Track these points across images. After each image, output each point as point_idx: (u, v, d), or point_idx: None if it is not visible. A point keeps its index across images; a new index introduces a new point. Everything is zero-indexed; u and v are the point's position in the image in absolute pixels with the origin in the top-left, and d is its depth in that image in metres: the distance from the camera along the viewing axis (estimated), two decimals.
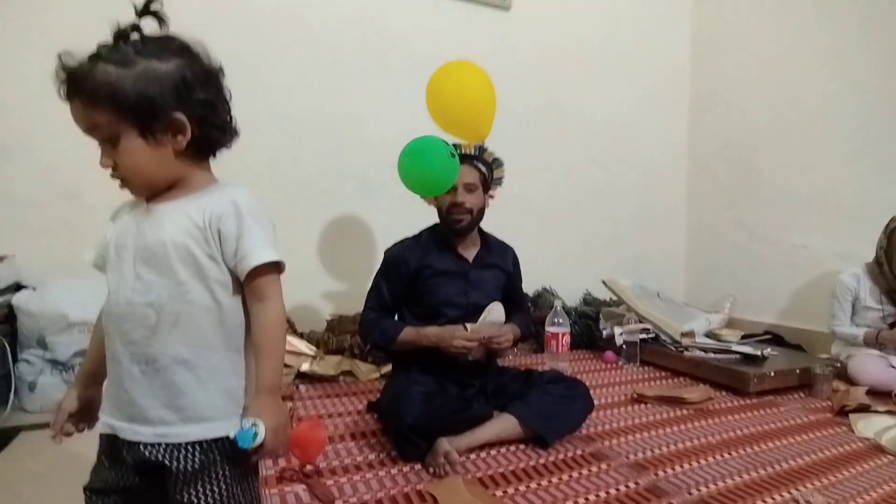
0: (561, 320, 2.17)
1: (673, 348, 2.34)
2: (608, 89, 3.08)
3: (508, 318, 1.65)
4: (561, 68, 2.94)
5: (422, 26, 2.60)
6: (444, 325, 1.57)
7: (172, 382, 0.69)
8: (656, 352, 2.38)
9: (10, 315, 1.73)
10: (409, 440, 1.35)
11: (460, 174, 1.60)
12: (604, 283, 2.72)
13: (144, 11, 0.69)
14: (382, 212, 2.48)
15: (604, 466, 1.36)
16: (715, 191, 3.20)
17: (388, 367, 2.03)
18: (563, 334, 2.15)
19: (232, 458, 0.72)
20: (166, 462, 0.69)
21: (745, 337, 2.48)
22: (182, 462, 0.69)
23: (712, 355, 2.22)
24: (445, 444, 1.32)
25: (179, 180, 0.73)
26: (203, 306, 0.71)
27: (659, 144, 3.27)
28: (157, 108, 0.66)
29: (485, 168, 1.69)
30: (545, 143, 2.93)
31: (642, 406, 1.86)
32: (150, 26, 0.70)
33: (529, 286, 2.76)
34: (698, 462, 1.40)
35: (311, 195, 2.41)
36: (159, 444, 0.69)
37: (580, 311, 2.77)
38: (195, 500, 0.69)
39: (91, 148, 0.73)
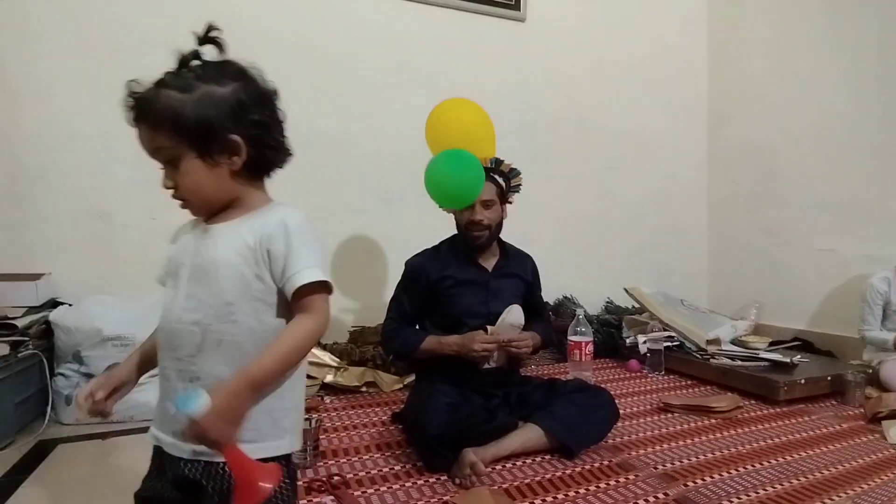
0: (583, 329, 2.16)
1: (698, 356, 2.30)
2: (627, 97, 3.08)
3: (528, 327, 1.66)
4: (578, 78, 2.95)
5: (438, 41, 2.64)
6: (465, 333, 1.58)
7: None
8: (681, 360, 2.35)
9: (48, 331, 1.79)
10: (435, 451, 1.36)
11: (484, 191, 1.61)
12: (626, 290, 2.70)
13: (205, 39, 0.73)
14: (402, 223, 2.51)
15: (631, 477, 1.35)
16: (737, 196, 3.16)
17: (411, 378, 2.05)
18: (586, 343, 2.14)
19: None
20: (202, 481, 0.69)
21: (774, 344, 2.43)
22: (217, 482, 0.69)
23: (740, 363, 2.18)
24: (471, 454, 1.32)
25: (236, 200, 0.75)
26: (247, 327, 0.71)
27: (679, 151, 3.25)
28: (214, 130, 0.69)
29: (501, 179, 1.70)
30: (564, 152, 2.93)
31: (669, 415, 1.83)
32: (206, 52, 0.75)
33: (550, 295, 2.76)
34: (728, 472, 1.38)
35: (332, 209, 2.45)
36: (197, 462, 0.70)
37: (602, 319, 2.75)
38: None
39: (121, 168, 0.77)
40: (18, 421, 1.65)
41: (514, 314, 1.61)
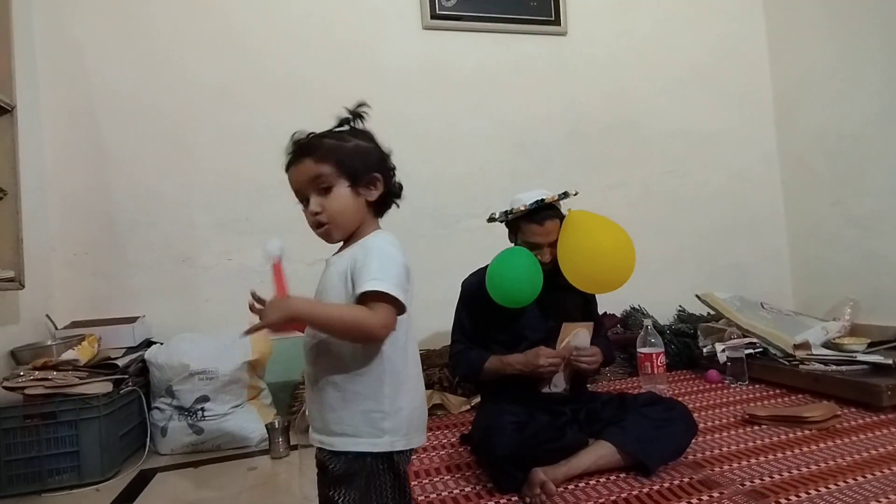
0: (653, 339, 2.07)
1: (786, 362, 2.14)
2: (682, 97, 2.98)
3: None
4: (628, 83, 2.90)
5: (483, 65, 2.68)
6: (527, 349, 1.57)
7: (324, 400, 0.85)
8: (767, 367, 2.19)
9: (144, 368, 1.97)
10: (504, 471, 1.35)
11: (546, 231, 1.57)
12: (698, 297, 2.57)
13: (355, 113, 0.94)
14: (458, 246, 2.54)
15: (716, 495, 1.27)
16: (816, 187, 2.93)
17: (478, 399, 2.05)
18: (658, 354, 2.05)
19: (372, 472, 0.84)
20: (328, 462, 0.85)
21: (873, 344, 2.20)
22: (333, 465, 0.84)
23: (834, 367, 2.01)
24: (541, 474, 1.30)
25: (358, 228, 0.91)
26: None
27: (744, 146, 3.08)
28: (364, 166, 0.89)
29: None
30: (619, 160, 2.86)
31: (755, 428, 1.71)
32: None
33: (617, 307, 2.68)
34: (827, 487, 1.26)
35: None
36: (322, 449, 0.86)
37: (675, 328, 2.63)
38: (336, 499, 0.83)
39: (199, 216, 0.86)
40: (122, 452, 1.81)
41: (580, 338, 1.57)
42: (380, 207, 0.95)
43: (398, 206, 0.98)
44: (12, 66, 1.78)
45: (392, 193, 0.96)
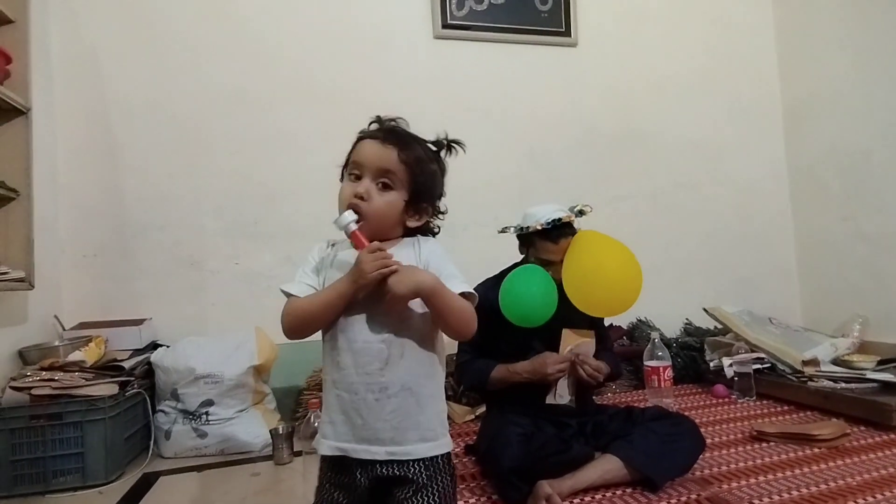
0: (661, 353, 2.06)
1: (794, 379, 2.12)
2: (691, 109, 2.98)
3: (596, 357, 1.61)
4: (638, 95, 2.90)
5: (494, 72, 2.69)
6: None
7: (401, 407, 0.81)
8: (775, 383, 2.17)
9: (150, 371, 1.97)
10: (510, 483, 1.34)
11: (560, 249, 1.56)
12: (706, 311, 2.55)
13: (449, 144, 0.96)
14: (465, 255, 2.51)
15: None
16: (825, 202, 2.92)
17: (482, 409, 2.04)
18: (665, 368, 2.04)
19: (446, 472, 0.85)
20: (402, 474, 0.81)
21: (883, 362, 2.18)
22: (413, 474, 0.82)
23: (843, 385, 1.99)
24: (547, 487, 1.29)
25: (385, 237, 0.89)
26: (419, 334, 0.84)
27: (753, 159, 3.07)
28: (428, 194, 0.90)
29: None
30: (628, 171, 2.86)
31: (763, 444, 1.69)
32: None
33: (624, 319, 2.66)
34: None
35: None
36: (391, 462, 0.81)
37: (682, 342, 2.61)
38: None
39: (208, 220, 0.84)
40: (126, 455, 1.80)
41: (582, 348, 1.57)
42: (408, 233, 0.93)
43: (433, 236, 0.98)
44: (29, 69, 1.81)
45: (430, 231, 0.96)
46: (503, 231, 1.69)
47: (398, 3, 2.59)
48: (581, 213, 1.59)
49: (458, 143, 0.94)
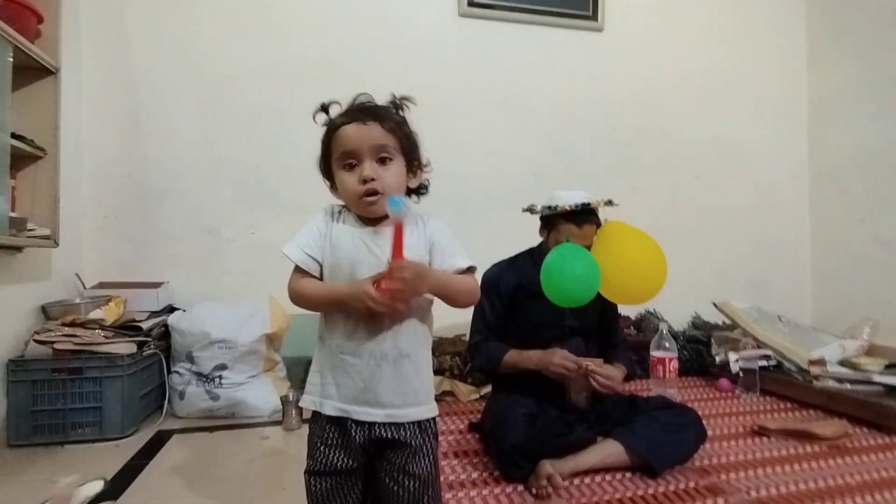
0: (668, 344, 2.07)
1: (800, 377, 2.13)
2: (714, 105, 2.94)
3: (611, 356, 1.63)
4: (661, 85, 2.86)
5: (518, 53, 2.67)
6: (538, 345, 1.58)
7: (401, 374, 0.86)
8: (780, 381, 2.18)
9: (166, 333, 2.02)
10: (513, 461, 1.37)
11: (583, 234, 1.56)
12: (715, 305, 2.55)
13: (401, 99, 0.96)
14: (480, 237, 2.53)
15: (721, 501, 1.28)
16: (845, 203, 2.89)
17: (487, 389, 2.07)
18: (671, 359, 2.05)
19: (433, 434, 0.90)
20: (399, 437, 0.86)
21: (891, 366, 2.18)
22: (408, 437, 0.86)
23: (849, 386, 1.99)
24: (548, 466, 1.32)
25: None
26: (417, 308, 0.89)
27: (775, 158, 3.04)
28: (417, 151, 0.94)
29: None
30: (647, 164, 2.84)
31: (764, 439, 1.71)
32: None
33: (633, 309, 2.67)
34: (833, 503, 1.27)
35: None
36: (388, 424, 0.86)
37: (689, 335, 2.62)
38: (416, 470, 0.86)
39: (227, 190, 0.85)
40: (142, 412, 1.87)
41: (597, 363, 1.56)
42: (413, 192, 0.99)
43: (418, 202, 1.00)
44: (59, 29, 1.82)
45: (423, 187, 1.00)
46: (528, 210, 1.68)
47: None
48: (610, 202, 1.60)
49: (408, 99, 0.95)
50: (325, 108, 0.94)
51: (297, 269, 0.90)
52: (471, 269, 0.93)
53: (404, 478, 0.86)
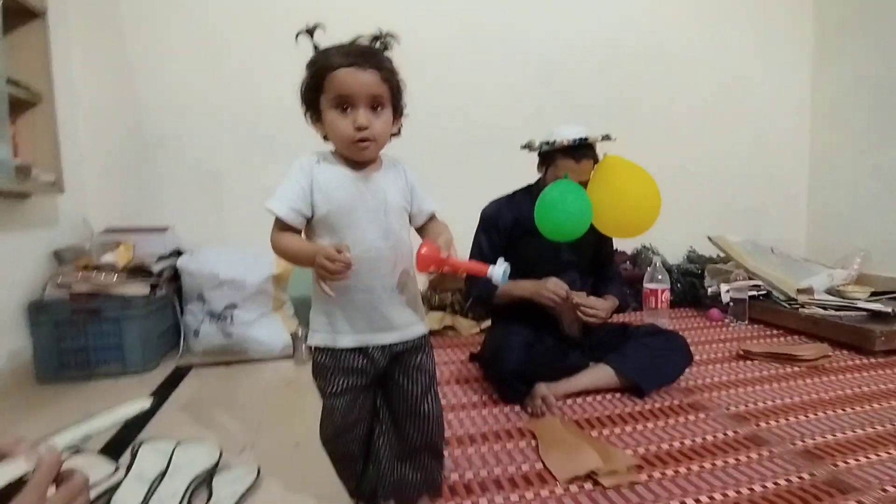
0: (661, 276, 2.14)
1: (787, 305, 2.21)
2: (718, 34, 2.87)
3: (603, 289, 1.68)
4: (663, 15, 2.78)
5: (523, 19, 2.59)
6: (535, 279, 1.64)
7: (404, 300, 0.96)
8: (768, 309, 2.27)
9: (176, 275, 2.09)
10: (510, 384, 1.47)
11: (580, 170, 1.57)
12: (709, 239, 2.61)
13: (386, 35, 0.94)
14: (478, 175, 2.56)
15: (701, 416, 1.38)
16: (845, 134, 2.87)
17: (486, 323, 2.17)
18: (663, 290, 2.13)
19: (430, 344, 1.02)
20: (410, 346, 0.97)
21: (876, 294, 2.26)
22: (417, 344, 0.98)
23: (833, 312, 2.08)
24: (543, 388, 1.42)
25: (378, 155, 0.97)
26: (406, 245, 0.96)
27: (777, 89, 2.99)
28: (402, 98, 0.95)
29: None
30: (646, 95, 2.81)
31: (748, 362, 1.81)
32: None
33: (629, 244, 2.73)
34: (806, 416, 1.37)
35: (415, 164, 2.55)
36: (402, 342, 0.96)
37: (683, 268, 2.69)
38: (427, 366, 0.99)
39: (226, 136, 0.84)
40: (161, 349, 1.97)
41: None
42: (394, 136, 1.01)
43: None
44: None
45: (399, 130, 1.01)
46: (527, 146, 1.69)
47: None
48: (607, 137, 1.60)
49: (392, 35, 0.95)
50: (310, 32, 0.93)
51: (280, 224, 0.92)
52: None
53: (418, 373, 0.97)
